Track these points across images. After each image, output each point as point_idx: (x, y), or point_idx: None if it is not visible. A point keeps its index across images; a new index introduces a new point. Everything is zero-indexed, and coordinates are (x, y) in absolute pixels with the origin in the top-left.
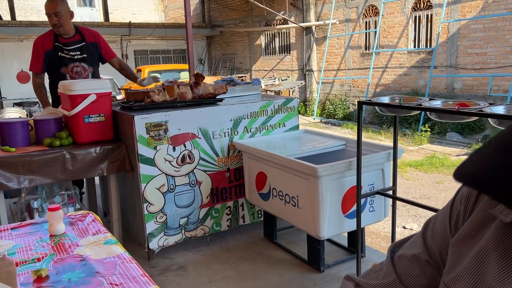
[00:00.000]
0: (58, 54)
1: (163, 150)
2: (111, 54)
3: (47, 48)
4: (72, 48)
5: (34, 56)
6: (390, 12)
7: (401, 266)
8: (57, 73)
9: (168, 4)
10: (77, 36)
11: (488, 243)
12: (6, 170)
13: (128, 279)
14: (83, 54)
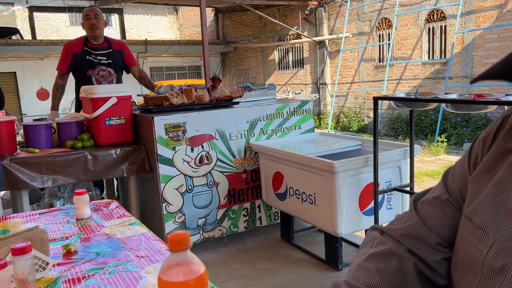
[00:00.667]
0: (86, 57)
1: (181, 151)
2: (133, 62)
3: (75, 51)
4: (99, 53)
5: (62, 57)
6: (403, 24)
7: (423, 209)
8: (84, 75)
9: (183, 22)
10: (105, 44)
11: (506, 173)
12: (31, 169)
13: (154, 252)
14: (109, 60)
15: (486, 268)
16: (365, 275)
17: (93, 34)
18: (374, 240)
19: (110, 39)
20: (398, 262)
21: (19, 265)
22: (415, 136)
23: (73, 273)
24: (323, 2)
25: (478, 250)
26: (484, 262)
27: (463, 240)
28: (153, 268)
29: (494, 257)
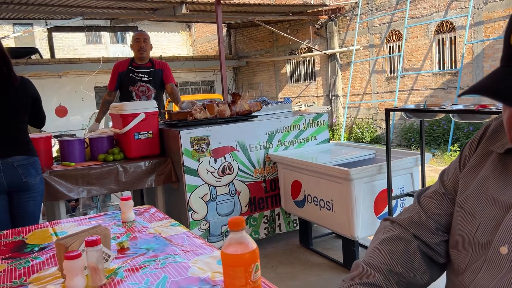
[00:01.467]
0: (129, 75)
1: (205, 162)
2: (169, 80)
3: (121, 69)
4: (142, 71)
5: (111, 76)
6: (413, 36)
7: (424, 202)
8: (126, 91)
9: (196, 39)
10: (149, 63)
11: (487, 170)
12: (68, 181)
13: (196, 247)
14: (150, 77)
15: (475, 244)
16: (378, 256)
17: (141, 55)
18: (386, 228)
19: (154, 60)
20: (405, 245)
21: (91, 255)
22: (428, 146)
23: (130, 264)
24: (333, 16)
25: (469, 231)
26: (473, 239)
27: (457, 224)
28: (199, 260)
29: (481, 235)
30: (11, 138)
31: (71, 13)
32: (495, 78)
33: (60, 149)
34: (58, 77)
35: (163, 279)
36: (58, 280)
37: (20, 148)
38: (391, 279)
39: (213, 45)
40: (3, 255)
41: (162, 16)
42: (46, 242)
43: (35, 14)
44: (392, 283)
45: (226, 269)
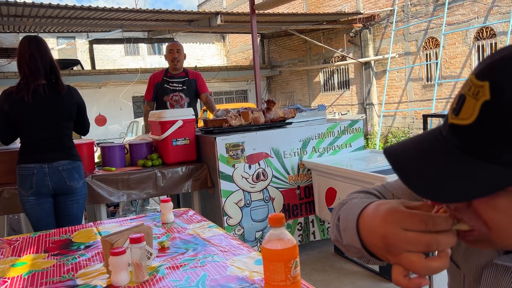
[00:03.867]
0: (164, 86)
1: (240, 168)
2: (204, 90)
3: (157, 80)
4: (176, 81)
5: (147, 87)
6: (451, 43)
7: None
8: (161, 101)
9: (230, 49)
10: (183, 73)
11: None
12: (109, 185)
13: (234, 247)
14: (183, 87)
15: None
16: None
17: (174, 66)
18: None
19: (188, 70)
20: None
21: (135, 252)
22: None
23: (171, 263)
24: (368, 24)
25: (458, 280)
26: (464, 285)
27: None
28: (237, 259)
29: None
30: (57, 143)
31: (111, 26)
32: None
33: (102, 155)
34: (98, 87)
35: (203, 277)
36: (104, 276)
37: (65, 153)
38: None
39: (247, 55)
40: (51, 252)
41: (197, 27)
42: (91, 240)
43: (77, 28)
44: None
45: (266, 264)
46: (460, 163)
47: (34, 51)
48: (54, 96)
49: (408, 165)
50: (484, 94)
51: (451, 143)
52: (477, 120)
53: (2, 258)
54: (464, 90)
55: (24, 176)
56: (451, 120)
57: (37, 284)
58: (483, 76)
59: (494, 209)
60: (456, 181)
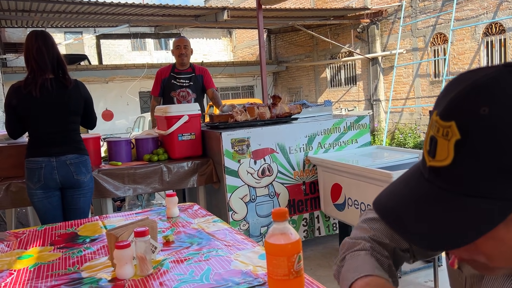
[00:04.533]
0: (171, 82)
1: (245, 163)
2: (210, 85)
3: (164, 76)
4: (183, 77)
5: (154, 82)
6: (460, 38)
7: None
8: (168, 96)
9: (236, 44)
10: (189, 69)
11: None
12: (115, 180)
13: (238, 242)
14: (190, 82)
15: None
16: (362, 231)
17: (181, 61)
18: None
19: (194, 65)
20: None
21: (139, 245)
22: None
23: (175, 257)
24: (375, 20)
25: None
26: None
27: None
28: (241, 254)
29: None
30: (65, 137)
31: (118, 21)
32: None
33: (108, 149)
34: (105, 82)
35: (207, 271)
36: (109, 269)
37: (73, 147)
38: (376, 246)
39: (253, 51)
40: (57, 245)
41: (204, 22)
42: (97, 234)
43: (84, 23)
44: (379, 249)
45: (269, 258)
46: (451, 207)
47: (41, 45)
48: (62, 90)
49: (402, 219)
50: (453, 133)
51: (436, 185)
52: (454, 160)
53: (8, 250)
54: (433, 132)
55: (32, 170)
56: (429, 163)
57: (43, 276)
58: (447, 117)
59: (495, 240)
60: (453, 227)
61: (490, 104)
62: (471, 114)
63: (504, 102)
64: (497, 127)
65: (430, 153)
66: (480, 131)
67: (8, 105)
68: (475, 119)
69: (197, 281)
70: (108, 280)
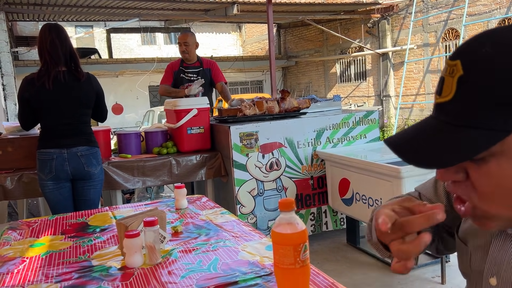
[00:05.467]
0: (180, 75)
1: (254, 157)
2: (219, 79)
3: (175, 69)
4: (191, 71)
5: (165, 74)
6: (472, 34)
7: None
8: None
9: (246, 39)
10: (197, 63)
11: None
12: (125, 172)
13: (245, 233)
14: (198, 77)
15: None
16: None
17: (184, 57)
18: None
19: (202, 59)
20: None
21: (148, 235)
22: None
23: (184, 247)
24: (386, 15)
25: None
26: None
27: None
28: (248, 245)
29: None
30: (76, 129)
31: (128, 15)
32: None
33: (118, 142)
34: (115, 76)
35: (214, 261)
36: (118, 258)
37: (84, 139)
38: None
39: (263, 45)
40: (68, 234)
41: (214, 16)
42: (107, 224)
43: (95, 16)
44: None
45: (276, 248)
46: (448, 133)
47: (54, 38)
48: (74, 83)
49: (405, 144)
50: (458, 70)
51: (440, 120)
52: (456, 94)
53: (21, 239)
54: (443, 73)
55: (44, 161)
56: (436, 100)
57: (54, 263)
58: (454, 56)
59: (488, 176)
60: (447, 148)
61: (491, 44)
62: (474, 52)
63: (504, 43)
64: (494, 64)
65: (438, 92)
66: (480, 67)
67: (22, 96)
68: (477, 56)
69: (205, 270)
70: (118, 268)
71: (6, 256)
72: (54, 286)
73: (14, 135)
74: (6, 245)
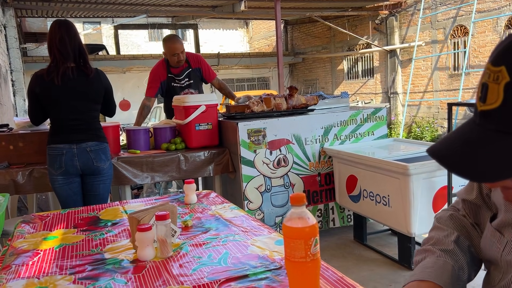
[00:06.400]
0: (171, 85)
1: (261, 154)
2: (212, 76)
3: (162, 78)
4: (181, 77)
5: (150, 83)
6: (481, 31)
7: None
8: (170, 101)
9: (253, 36)
10: (185, 64)
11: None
12: (134, 167)
13: (255, 228)
14: (190, 80)
15: (503, 261)
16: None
17: (178, 65)
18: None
19: (188, 56)
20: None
21: (160, 228)
22: None
23: (194, 241)
24: (394, 11)
25: (497, 248)
26: (501, 257)
27: (487, 240)
28: (258, 239)
29: (508, 254)
30: (85, 125)
31: (136, 11)
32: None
33: (127, 138)
34: (122, 72)
35: (225, 255)
36: (130, 251)
37: (93, 134)
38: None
39: (270, 42)
40: (80, 227)
41: (221, 13)
42: (118, 218)
43: (103, 13)
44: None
45: (287, 241)
46: (501, 142)
47: (64, 34)
48: (83, 78)
49: (455, 157)
50: (503, 77)
51: (486, 128)
52: (504, 101)
53: (34, 232)
54: (484, 79)
55: (54, 156)
56: (480, 108)
57: (67, 256)
58: (498, 62)
59: None
60: (505, 159)
61: None
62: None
63: None
64: None
65: (481, 99)
66: None
67: (31, 92)
68: None
69: (215, 264)
70: (130, 261)
71: (20, 248)
72: (68, 278)
73: (25, 130)
74: (20, 238)
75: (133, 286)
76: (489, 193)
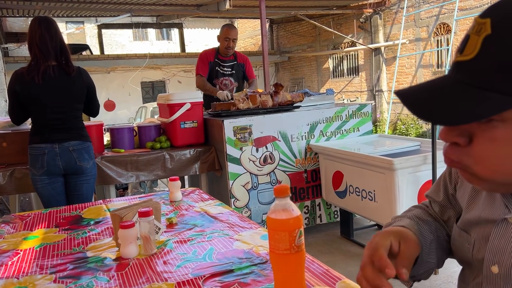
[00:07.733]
0: (215, 68)
1: (247, 151)
2: (252, 75)
3: (210, 59)
4: (226, 65)
5: (201, 63)
6: (463, 29)
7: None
8: (211, 83)
9: (238, 35)
10: (232, 56)
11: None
12: (118, 167)
13: (240, 224)
14: (232, 71)
15: (475, 260)
16: (406, 213)
17: (227, 52)
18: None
19: (236, 53)
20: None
21: (143, 225)
22: None
23: (179, 237)
24: (378, 10)
25: (467, 248)
26: (472, 256)
27: (456, 241)
28: (243, 235)
29: (477, 252)
30: (68, 124)
31: (120, 10)
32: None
33: (111, 137)
34: (106, 72)
35: (210, 251)
36: (113, 249)
37: (75, 133)
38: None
39: (255, 41)
40: (62, 227)
41: (206, 12)
42: (101, 216)
43: (86, 12)
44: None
45: (271, 233)
46: (465, 92)
47: (44, 32)
48: (64, 77)
49: (416, 98)
50: (485, 29)
51: (455, 79)
52: (478, 54)
53: (14, 232)
54: (469, 31)
55: (35, 156)
56: (455, 58)
57: (48, 255)
58: (485, 15)
59: (492, 141)
60: (463, 106)
61: None
62: (506, 12)
63: None
64: None
65: (460, 50)
66: (508, 28)
67: (11, 91)
68: (508, 16)
69: (200, 260)
70: (112, 259)
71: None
72: (49, 277)
73: (6, 130)
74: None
75: (115, 283)
76: (455, 193)
